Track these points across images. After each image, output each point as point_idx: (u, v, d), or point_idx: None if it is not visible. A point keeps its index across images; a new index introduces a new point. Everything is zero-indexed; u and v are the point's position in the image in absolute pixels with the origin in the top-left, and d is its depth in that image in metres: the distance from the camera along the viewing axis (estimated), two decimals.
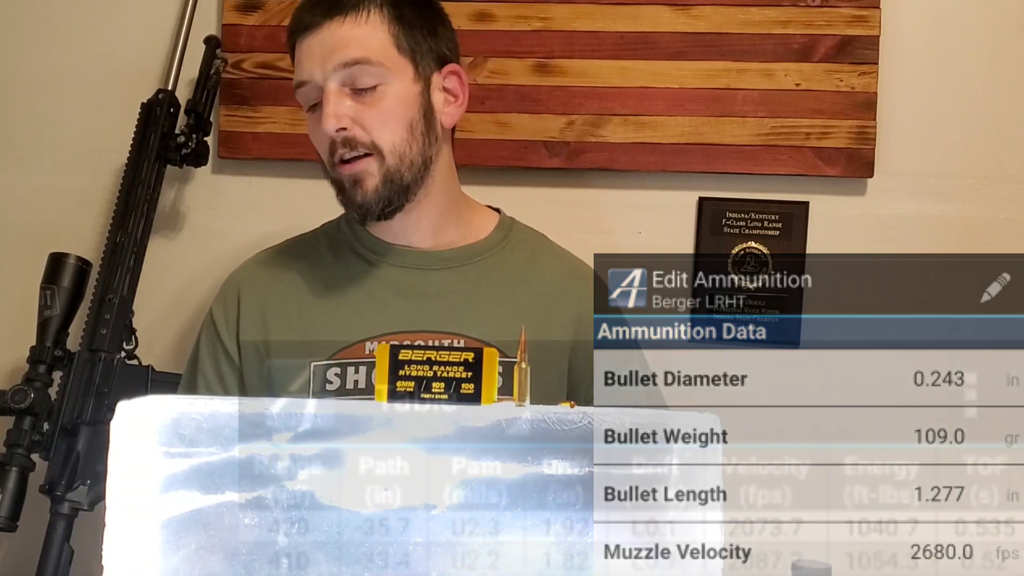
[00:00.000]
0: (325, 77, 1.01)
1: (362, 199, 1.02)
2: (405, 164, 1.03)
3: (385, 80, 1.02)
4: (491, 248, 1.12)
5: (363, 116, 1.01)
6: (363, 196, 1.02)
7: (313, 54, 1.02)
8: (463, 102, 1.09)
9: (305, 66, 1.03)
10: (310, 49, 1.02)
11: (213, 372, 1.09)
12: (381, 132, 1.02)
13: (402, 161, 1.02)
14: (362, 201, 1.03)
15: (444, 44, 1.08)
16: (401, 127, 1.02)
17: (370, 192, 1.02)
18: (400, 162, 1.02)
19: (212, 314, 1.12)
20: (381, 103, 1.02)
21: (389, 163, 1.02)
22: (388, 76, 1.02)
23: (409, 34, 1.04)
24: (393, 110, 1.02)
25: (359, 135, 1.01)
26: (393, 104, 1.02)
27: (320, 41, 1.01)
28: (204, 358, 1.10)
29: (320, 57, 1.01)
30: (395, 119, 1.02)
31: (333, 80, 1.01)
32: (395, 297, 1.07)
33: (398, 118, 1.02)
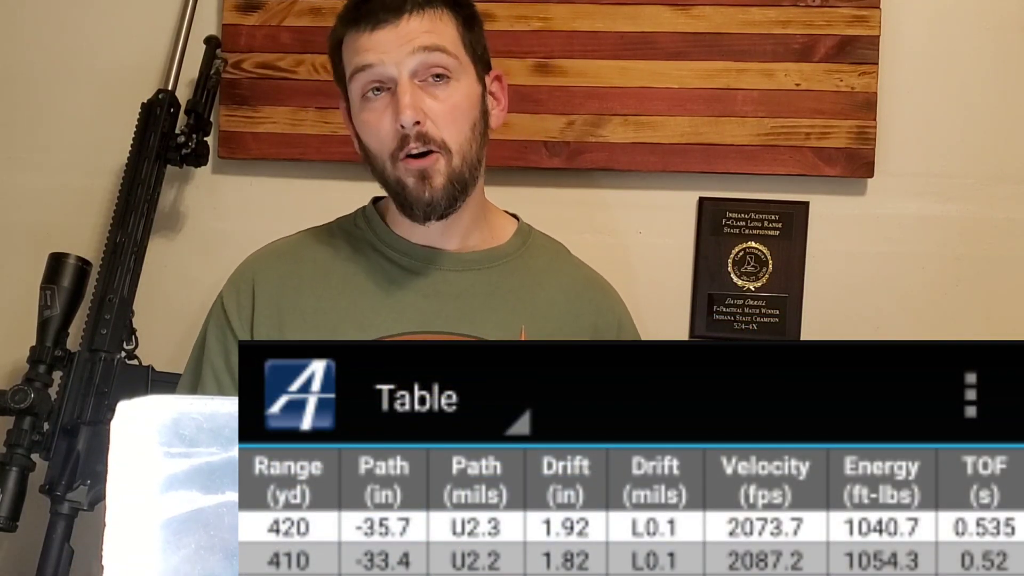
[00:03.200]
0: (400, 63, 0.99)
1: (430, 197, 1.00)
2: (468, 164, 1.02)
3: (457, 76, 1.01)
4: (511, 253, 1.12)
5: (435, 111, 1.00)
6: (431, 194, 1.00)
7: (387, 42, 0.99)
8: (505, 106, 1.10)
9: (374, 52, 1.00)
10: (383, 38, 0.99)
11: (223, 362, 1.07)
12: (451, 130, 1.01)
13: (465, 161, 1.02)
14: (430, 199, 1.00)
15: (486, 47, 1.09)
16: (467, 126, 1.02)
17: (438, 190, 1.00)
18: (463, 162, 1.02)
19: (223, 303, 1.09)
20: (452, 99, 1.01)
21: (455, 162, 1.01)
22: (460, 71, 1.02)
23: (471, 35, 1.05)
24: (463, 108, 1.02)
25: (432, 131, 0.99)
26: (463, 101, 1.02)
27: (397, 31, 0.99)
28: (213, 347, 1.08)
29: (396, 44, 0.99)
30: (464, 117, 1.02)
31: (408, 67, 0.99)
32: (413, 297, 1.07)
33: (466, 116, 1.02)
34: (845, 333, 1.46)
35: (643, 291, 1.42)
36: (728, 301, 1.48)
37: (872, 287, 1.47)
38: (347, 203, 1.19)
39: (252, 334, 1.07)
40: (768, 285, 1.47)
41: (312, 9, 1.51)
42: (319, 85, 1.50)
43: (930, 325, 1.45)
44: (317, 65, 1.50)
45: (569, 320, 1.10)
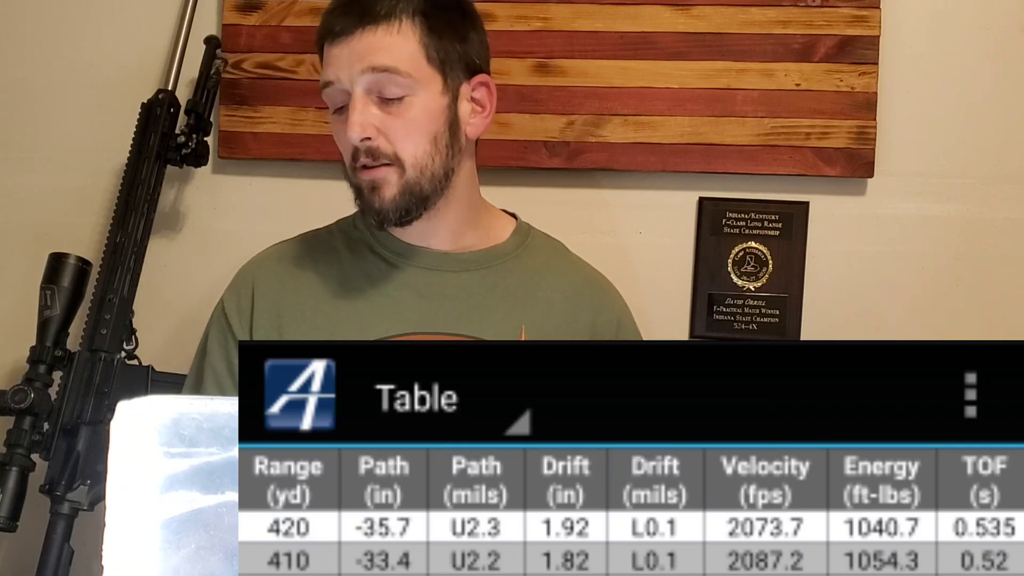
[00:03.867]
0: (352, 81, 1.00)
1: (379, 206, 1.02)
2: (425, 176, 1.02)
3: (413, 92, 1.00)
4: (509, 252, 1.12)
5: (388, 126, 1.00)
6: (380, 203, 1.02)
7: (342, 58, 1.01)
8: (490, 113, 1.08)
9: (333, 68, 1.02)
10: (339, 53, 1.01)
11: (224, 365, 1.08)
12: (404, 144, 1.01)
13: (422, 174, 1.02)
14: (379, 208, 1.02)
15: (475, 52, 1.06)
16: (425, 140, 1.02)
17: (387, 200, 1.02)
18: (420, 174, 1.02)
19: (224, 306, 1.10)
20: (407, 114, 1.01)
21: (409, 175, 1.01)
22: (416, 88, 1.01)
23: (440, 45, 1.02)
24: (419, 122, 1.01)
25: (382, 146, 1.00)
26: (419, 116, 1.01)
27: (350, 47, 1.00)
28: (214, 351, 1.09)
29: (349, 61, 1.00)
30: (420, 131, 1.01)
31: (360, 85, 1.00)
32: (411, 297, 1.07)
33: (423, 130, 1.02)
34: (845, 333, 1.46)
35: (643, 291, 1.42)
36: (728, 301, 1.48)
37: (872, 287, 1.47)
38: (347, 203, 1.19)
39: (251, 336, 1.07)
40: (768, 285, 1.47)
41: (312, 9, 1.50)
42: (319, 85, 1.50)
43: (930, 325, 1.45)
44: (317, 65, 1.48)
45: (568, 319, 1.10)
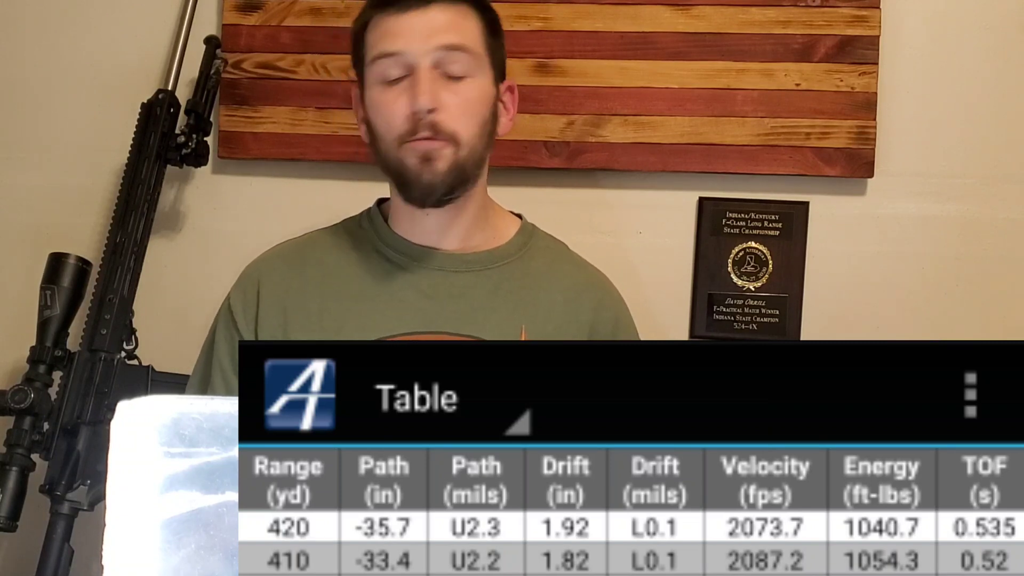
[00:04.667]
0: (422, 53, 1.01)
1: (430, 179, 1.02)
2: (473, 159, 1.04)
3: (475, 74, 1.03)
4: (512, 253, 1.12)
5: (450, 103, 1.02)
6: (431, 176, 1.02)
7: (413, 30, 1.01)
8: (513, 117, 1.12)
9: (399, 39, 1.02)
10: (410, 25, 1.02)
11: (231, 362, 1.08)
12: (463, 122, 1.02)
13: (471, 155, 1.04)
14: (430, 180, 1.02)
15: (504, 57, 1.11)
16: (478, 122, 1.04)
17: (439, 174, 1.02)
18: (470, 155, 1.03)
19: (230, 304, 1.11)
20: (468, 95, 1.03)
21: (461, 154, 1.03)
22: (477, 70, 1.04)
23: (492, 39, 1.07)
24: (476, 104, 1.04)
25: (444, 120, 1.01)
26: (477, 98, 1.04)
27: (423, 20, 1.02)
28: (221, 348, 1.09)
29: (422, 34, 1.01)
30: (476, 113, 1.04)
31: (429, 58, 1.01)
32: (416, 297, 1.07)
33: (478, 113, 1.04)
34: (845, 333, 1.46)
35: (643, 291, 1.42)
36: (728, 301, 1.48)
37: (872, 287, 1.47)
38: (347, 203, 1.19)
39: (257, 335, 1.07)
40: (768, 285, 1.47)
41: (312, 9, 1.51)
42: (319, 85, 1.50)
43: (930, 325, 1.45)
44: (317, 65, 1.50)
45: (569, 320, 1.10)
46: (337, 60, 1.49)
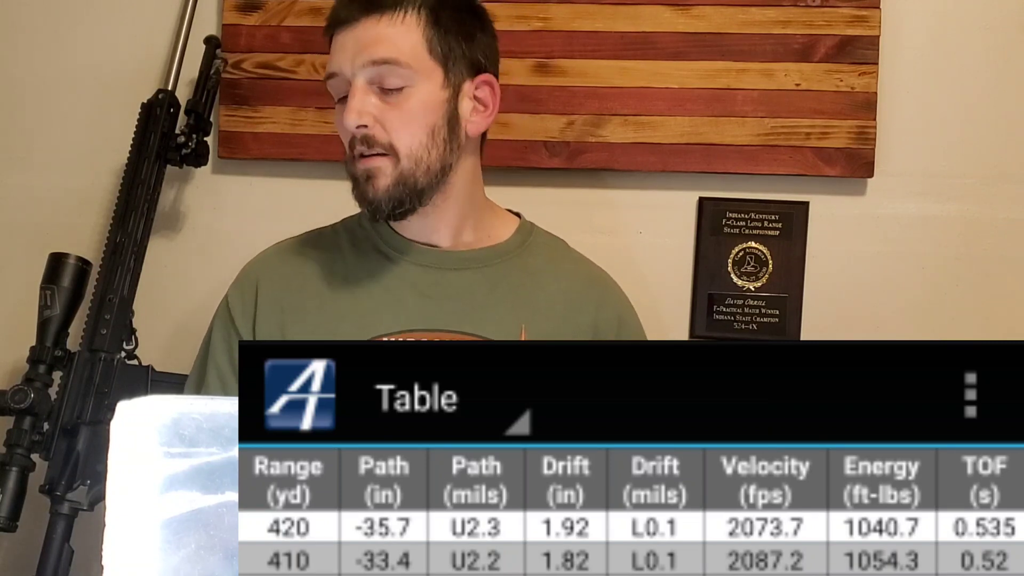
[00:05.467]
0: (353, 72, 1.02)
1: (372, 196, 1.03)
2: (421, 168, 1.03)
3: (412, 83, 1.02)
4: (510, 251, 1.12)
5: (386, 116, 1.02)
6: (373, 193, 1.03)
7: (345, 48, 1.02)
8: (492, 112, 1.09)
9: (336, 58, 1.03)
10: (343, 43, 1.03)
11: (227, 361, 1.08)
12: (400, 134, 1.02)
13: (417, 165, 1.03)
14: (372, 198, 1.03)
15: (480, 52, 1.08)
16: (422, 131, 1.03)
17: (380, 191, 1.03)
18: (415, 166, 1.03)
19: (228, 303, 1.11)
20: (405, 105, 1.02)
21: (404, 165, 1.02)
22: (416, 79, 1.02)
23: (444, 39, 1.04)
24: (416, 113, 1.02)
25: (378, 134, 1.02)
26: (417, 107, 1.02)
27: (354, 36, 1.02)
28: (218, 347, 1.09)
29: (351, 52, 1.02)
30: (417, 123, 1.02)
31: (361, 76, 1.01)
32: (414, 295, 1.07)
33: (420, 122, 1.03)
34: (845, 333, 1.46)
35: (643, 291, 1.41)
36: (728, 301, 1.48)
37: (872, 287, 1.47)
38: (347, 203, 1.19)
39: (255, 334, 1.07)
40: (768, 285, 1.47)
41: (312, 9, 1.51)
42: (319, 85, 1.49)
43: (930, 325, 1.45)
44: (317, 65, 1.50)
45: (570, 318, 1.10)
46: None
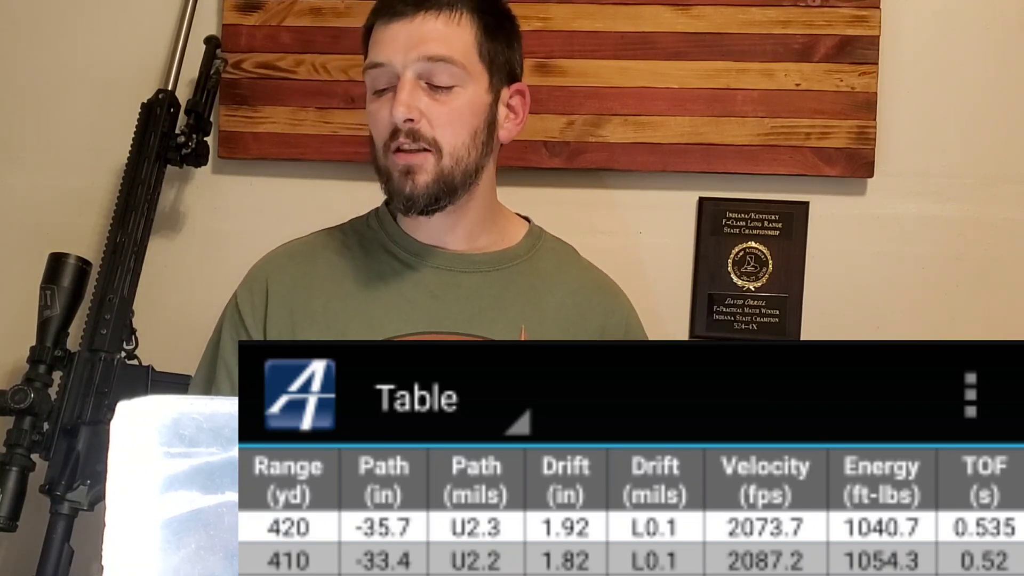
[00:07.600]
0: (405, 65, 1.01)
1: (411, 191, 1.02)
2: (459, 168, 1.03)
3: (462, 83, 1.02)
4: (521, 255, 1.12)
5: (433, 112, 1.02)
6: (412, 188, 1.02)
7: (398, 40, 1.02)
8: (522, 121, 1.11)
9: (385, 49, 1.02)
10: (395, 35, 1.02)
11: (236, 361, 1.07)
12: (446, 132, 1.02)
13: (457, 165, 1.03)
14: (410, 193, 1.03)
15: (516, 60, 1.10)
16: (465, 132, 1.03)
17: (420, 186, 1.02)
18: (455, 165, 1.03)
19: (237, 303, 1.10)
20: (453, 104, 1.02)
21: (445, 163, 1.02)
22: (466, 80, 1.03)
23: (491, 45, 1.05)
24: (463, 114, 1.03)
25: (424, 129, 1.01)
26: (464, 108, 1.03)
27: (408, 30, 1.02)
28: (227, 347, 1.09)
29: (405, 45, 1.01)
30: (462, 123, 1.03)
31: (411, 70, 1.01)
32: (424, 297, 1.07)
33: (465, 122, 1.03)
34: (845, 333, 1.46)
35: (643, 291, 1.41)
36: (728, 301, 1.48)
37: (872, 287, 1.47)
38: (346, 203, 1.19)
39: (265, 334, 1.07)
40: (768, 285, 1.47)
41: (312, 9, 1.51)
42: (319, 85, 1.50)
43: (930, 325, 1.45)
44: (317, 65, 1.50)
45: (577, 323, 1.10)
46: (337, 60, 1.49)
